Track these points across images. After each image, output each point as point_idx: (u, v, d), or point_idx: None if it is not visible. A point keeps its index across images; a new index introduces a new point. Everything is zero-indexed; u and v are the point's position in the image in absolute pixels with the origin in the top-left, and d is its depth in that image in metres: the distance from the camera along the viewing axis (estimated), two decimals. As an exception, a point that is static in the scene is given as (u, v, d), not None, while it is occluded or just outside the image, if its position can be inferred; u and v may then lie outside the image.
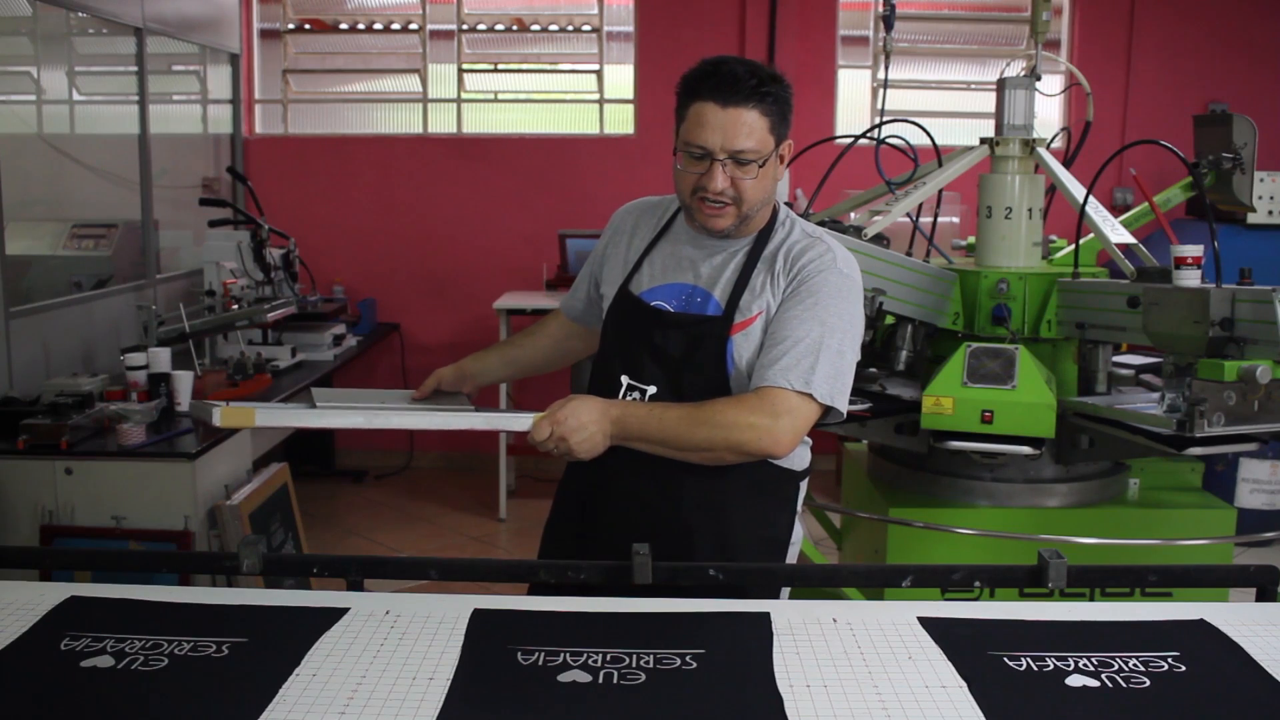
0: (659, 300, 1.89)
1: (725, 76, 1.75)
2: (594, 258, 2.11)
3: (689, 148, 1.78)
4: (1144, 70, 5.85)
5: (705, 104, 1.76)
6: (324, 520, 5.16)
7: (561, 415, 1.70)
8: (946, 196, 3.38)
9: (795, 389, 1.73)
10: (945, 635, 1.46)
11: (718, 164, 1.77)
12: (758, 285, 1.84)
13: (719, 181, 1.77)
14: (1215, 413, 2.36)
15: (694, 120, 1.77)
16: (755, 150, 1.77)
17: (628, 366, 1.87)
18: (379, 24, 6.12)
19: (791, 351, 1.75)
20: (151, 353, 3.56)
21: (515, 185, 5.95)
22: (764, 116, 1.77)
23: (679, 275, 1.90)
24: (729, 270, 1.87)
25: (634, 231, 2.01)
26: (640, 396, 1.84)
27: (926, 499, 3.02)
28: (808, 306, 1.79)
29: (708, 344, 1.82)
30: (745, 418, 1.72)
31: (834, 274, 1.82)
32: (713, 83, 1.75)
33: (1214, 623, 1.51)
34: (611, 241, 2.04)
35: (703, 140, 1.76)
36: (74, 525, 3.11)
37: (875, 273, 2.79)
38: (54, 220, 4.44)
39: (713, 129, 1.75)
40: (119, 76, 4.75)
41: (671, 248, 1.94)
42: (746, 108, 1.75)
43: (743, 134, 1.75)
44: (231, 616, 1.50)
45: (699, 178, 1.79)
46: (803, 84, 5.89)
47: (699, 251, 1.91)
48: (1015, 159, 3.04)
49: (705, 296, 1.87)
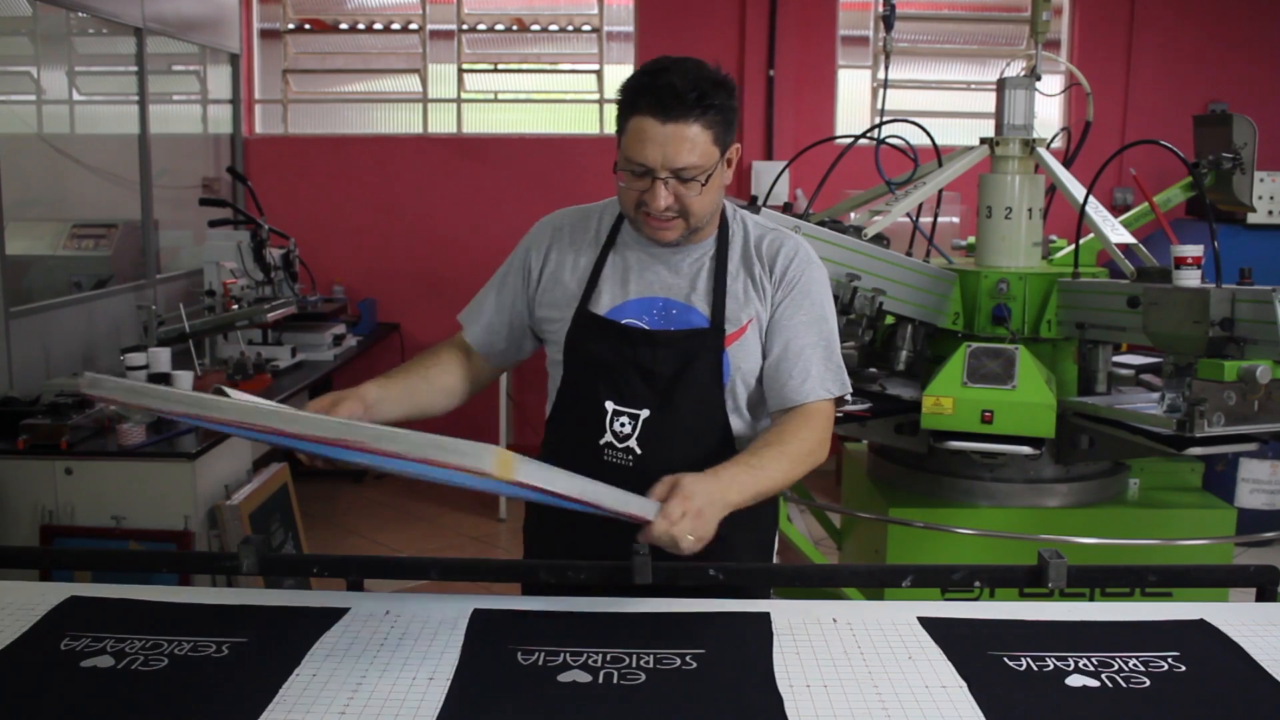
0: (630, 319, 1.78)
1: (664, 89, 1.63)
2: (507, 280, 1.90)
3: (629, 164, 1.68)
4: (1144, 70, 5.85)
5: (645, 119, 1.64)
6: (324, 520, 5.16)
7: (696, 506, 1.51)
8: (946, 196, 3.38)
9: (832, 395, 1.80)
10: (945, 635, 1.46)
11: (660, 182, 1.67)
12: (740, 293, 1.78)
13: (662, 200, 1.67)
14: (1215, 413, 2.36)
15: (634, 136, 1.66)
16: (698, 166, 1.66)
17: (612, 391, 1.76)
18: (379, 24, 6.12)
19: (815, 360, 1.79)
20: (151, 353, 3.57)
21: (515, 185, 5.95)
22: (706, 129, 1.66)
23: (645, 290, 1.79)
24: (702, 279, 1.79)
25: (569, 247, 1.86)
26: (631, 421, 1.75)
27: (926, 499, 3.02)
28: (807, 310, 1.80)
29: (703, 358, 1.76)
30: (814, 440, 1.74)
31: (815, 268, 1.83)
32: (652, 96, 1.64)
33: (1214, 623, 1.51)
34: (537, 260, 1.87)
35: (643, 158, 1.66)
36: (74, 525, 3.11)
37: (875, 273, 2.79)
38: (54, 220, 4.44)
39: (653, 146, 1.64)
40: (119, 76, 4.75)
41: (626, 261, 1.82)
42: (688, 122, 1.64)
43: (684, 150, 1.64)
44: (231, 616, 1.50)
45: (641, 194, 1.70)
46: (803, 84, 5.90)
47: (659, 263, 1.81)
48: (1015, 159, 3.04)
49: (684, 309, 1.78)
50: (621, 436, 1.75)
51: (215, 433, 3.39)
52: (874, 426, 3.06)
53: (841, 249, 2.77)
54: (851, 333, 2.81)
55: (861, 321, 2.76)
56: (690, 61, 1.68)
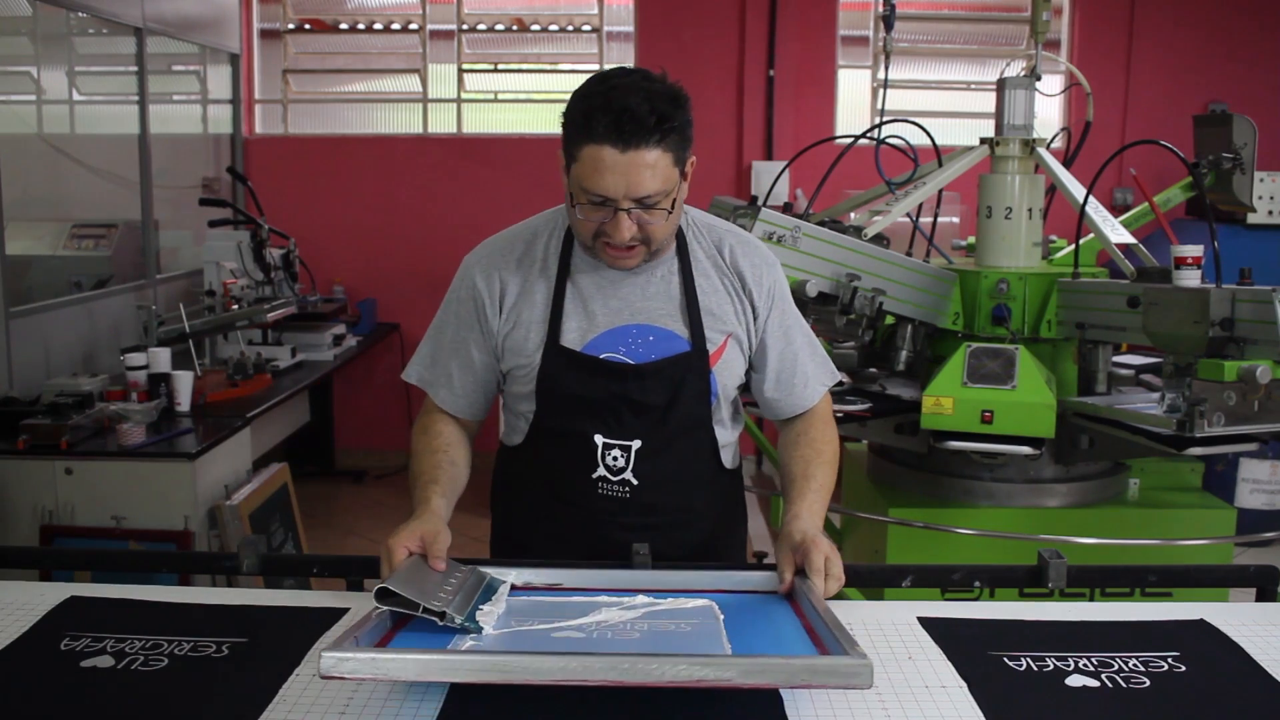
0: (609, 353, 1.69)
1: (623, 115, 1.51)
2: (461, 337, 1.77)
3: (588, 195, 1.57)
4: (1144, 70, 5.85)
5: (601, 148, 1.53)
6: (324, 520, 5.16)
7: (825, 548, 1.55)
8: (946, 196, 3.38)
9: (829, 387, 1.86)
10: (945, 635, 1.46)
11: (621, 213, 1.57)
12: (714, 307, 1.73)
13: (625, 232, 1.59)
14: (1215, 413, 2.36)
15: (589, 165, 1.54)
16: (661, 191, 1.57)
17: (600, 425, 1.69)
18: (379, 24, 6.12)
19: (807, 360, 1.83)
20: (151, 353, 3.57)
21: (515, 185, 5.95)
22: (667, 152, 1.55)
23: (615, 318, 1.70)
24: (674, 297, 1.72)
25: (519, 283, 1.73)
26: (624, 453, 1.70)
27: (926, 499, 3.02)
28: (786, 312, 1.82)
29: (691, 383, 1.71)
30: (835, 435, 1.84)
31: (776, 265, 1.82)
32: (609, 121, 1.52)
33: (1214, 623, 1.51)
34: (492, 306, 1.74)
35: (602, 189, 1.55)
36: (74, 525, 3.11)
37: (875, 273, 2.79)
38: (54, 220, 4.44)
39: (613, 176, 1.54)
40: (119, 76, 4.75)
41: (585, 288, 1.71)
42: (648, 148, 1.53)
43: (646, 179, 1.54)
44: (231, 616, 1.50)
45: (601, 224, 1.60)
46: (803, 84, 5.90)
47: (624, 286, 1.71)
48: (1015, 159, 3.04)
49: (661, 335, 1.70)
50: (615, 470, 1.71)
51: (215, 432, 3.40)
52: (874, 426, 3.06)
53: (841, 249, 2.77)
54: (851, 333, 2.81)
55: (861, 321, 2.76)
56: (638, 74, 1.59)
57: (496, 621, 1.38)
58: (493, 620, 1.38)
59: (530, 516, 1.81)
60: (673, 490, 1.74)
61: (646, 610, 1.45)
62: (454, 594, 1.39)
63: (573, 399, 1.69)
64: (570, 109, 1.58)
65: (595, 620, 1.39)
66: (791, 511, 1.66)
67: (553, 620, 1.40)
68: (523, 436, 1.80)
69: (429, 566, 1.47)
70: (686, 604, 1.49)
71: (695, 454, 1.77)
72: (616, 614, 1.43)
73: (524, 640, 1.32)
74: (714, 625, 1.40)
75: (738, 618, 1.44)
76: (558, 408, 1.72)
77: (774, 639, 1.37)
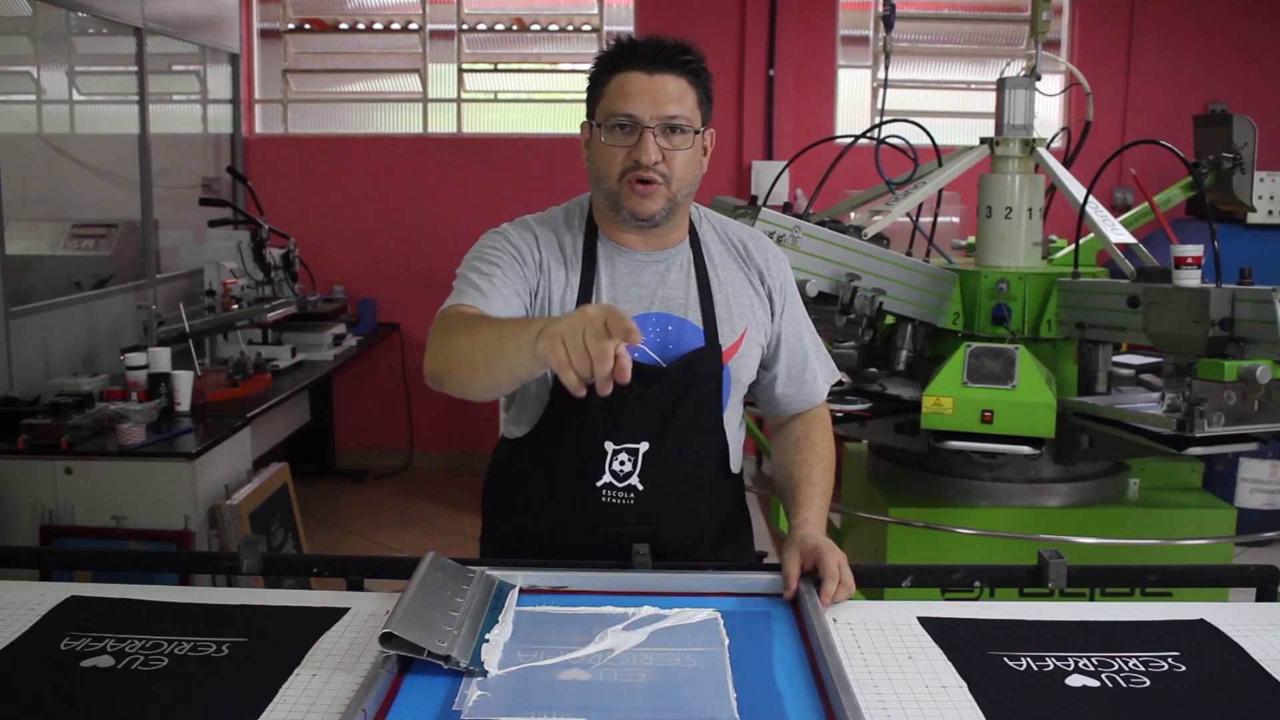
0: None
1: (649, 45, 1.64)
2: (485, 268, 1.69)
3: (614, 119, 1.63)
4: (1144, 70, 5.85)
5: (629, 73, 1.63)
6: (324, 520, 5.16)
7: (839, 555, 1.57)
8: (946, 196, 3.38)
9: (831, 385, 1.89)
10: (945, 635, 1.46)
11: (648, 132, 1.61)
12: (731, 299, 1.74)
13: (652, 152, 1.61)
14: (1215, 413, 2.36)
15: (616, 91, 1.63)
16: (686, 118, 1.63)
17: (611, 428, 1.66)
18: (379, 24, 6.12)
19: (813, 355, 1.85)
20: (151, 353, 3.57)
21: (515, 185, 5.95)
22: (691, 87, 1.65)
23: (637, 306, 1.69)
24: (691, 287, 1.72)
25: (553, 260, 1.71)
26: (631, 457, 1.67)
27: (926, 499, 3.02)
28: (797, 308, 1.84)
29: (703, 379, 1.70)
30: (832, 435, 1.87)
31: (787, 263, 1.86)
32: (637, 52, 1.64)
33: (1214, 623, 1.51)
34: (521, 256, 1.70)
35: (629, 108, 1.62)
36: (74, 525, 3.11)
37: (875, 273, 2.79)
38: (54, 220, 4.44)
39: (640, 96, 1.61)
40: (119, 76, 4.75)
41: (608, 278, 1.71)
42: (673, 74, 1.63)
43: (673, 99, 1.62)
44: (231, 616, 1.50)
45: (628, 152, 1.63)
46: (803, 84, 5.90)
47: (646, 270, 1.72)
48: (1015, 159, 3.04)
49: (679, 325, 1.70)
50: (622, 475, 1.67)
51: (215, 432, 3.40)
52: (874, 426, 3.06)
53: (841, 249, 2.77)
54: (851, 332, 2.81)
55: (861, 321, 2.76)
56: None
57: (501, 656, 1.35)
58: (498, 655, 1.35)
59: (527, 517, 1.78)
60: (678, 496, 1.71)
61: (652, 631, 1.43)
62: (460, 622, 1.37)
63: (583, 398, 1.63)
64: (600, 58, 1.69)
65: (600, 650, 1.37)
66: (800, 517, 1.69)
67: (558, 644, 1.38)
68: (529, 427, 1.75)
69: (434, 595, 1.42)
70: (692, 617, 1.48)
71: (705, 456, 1.75)
72: (622, 638, 1.41)
73: (529, 682, 1.29)
74: (719, 657, 1.37)
75: (743, 641, 1.41)
76: (567, 404, 1.62)
77: (776, 677, 1.33)
